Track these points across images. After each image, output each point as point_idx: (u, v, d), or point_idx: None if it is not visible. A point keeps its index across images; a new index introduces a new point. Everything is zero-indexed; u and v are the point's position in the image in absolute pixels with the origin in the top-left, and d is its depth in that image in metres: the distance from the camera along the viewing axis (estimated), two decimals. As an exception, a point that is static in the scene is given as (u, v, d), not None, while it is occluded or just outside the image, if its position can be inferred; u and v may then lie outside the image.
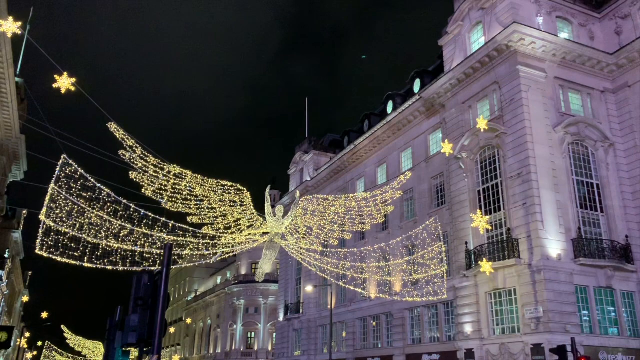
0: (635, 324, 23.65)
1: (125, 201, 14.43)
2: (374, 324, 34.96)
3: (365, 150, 38.86)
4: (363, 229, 20.64)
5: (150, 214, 15.19)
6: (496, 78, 26.54)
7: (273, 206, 19.84)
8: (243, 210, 16.88)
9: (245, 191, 16.60)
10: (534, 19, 26.52)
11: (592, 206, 24.92)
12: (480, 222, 23.12)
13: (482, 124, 22.17)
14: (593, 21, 28.66)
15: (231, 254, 19.09)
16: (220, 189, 16.44)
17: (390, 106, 38.31)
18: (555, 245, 22.93)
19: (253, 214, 17.11)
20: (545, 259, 22.43)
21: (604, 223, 24.88)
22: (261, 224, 17.49)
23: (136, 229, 15.14)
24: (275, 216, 17.90)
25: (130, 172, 15.00)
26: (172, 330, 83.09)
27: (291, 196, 47.14)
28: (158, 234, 15.68)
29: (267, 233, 17.84)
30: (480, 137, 26.59)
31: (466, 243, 26.25)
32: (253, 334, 65.07)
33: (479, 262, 23.62)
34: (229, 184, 16.42)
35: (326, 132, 53.92)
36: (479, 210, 24.62)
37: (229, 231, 17.02)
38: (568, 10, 28.15)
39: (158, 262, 15.66)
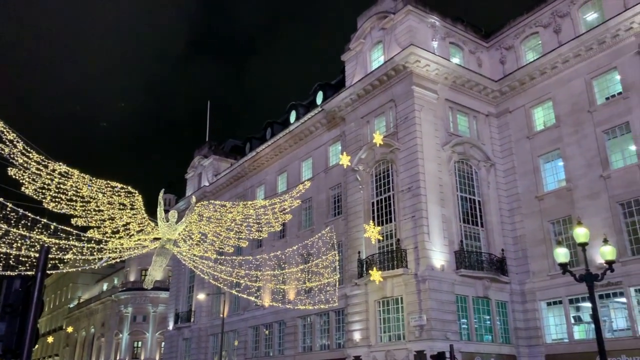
0: (507, 331, 25.67)
1: (1, 199, 13.36)
2: (267, 332, 34.91)
3: (267, 157, 38.91)
4: (260, 236, 20.63)
5: (29, 214, 14.17)
6: (393, 96, 27.83)
7: (167, 211, 19.24)
8: (133, 214, 16.22)
9: (137, 194, 15.97)
10: (430, 43, 28.19)
11: (473, 221, 26.79)
12: (372, 232, 24.00)
13: (378, 139, 23.07)
14: (482, 49, 31.02)
15: (119, 260, 18.21)
16: (110, 191, 15.69)
17: (293, 116, 38.74)
18: (439, 257, 24.35)
19: (144, 218, 16.49)
20: (430, 269, 23.73)
21: (484, 237, 26.84)
22: (152, 229, 16.90)
23: (12, 230, 14.06)
24: (168, 221, 17.36)
25: (9, 169, 13.91)
26: (50, 339, 77.41)
27: (187, 201, 45.92)
28: (37, 236, 14.65)
29: (159, 239, 17.26)
30: (376, 151, 27.68)
31: (359, 252, 27.09)
32: (140, 343, 62.29)
33: (370, 271, 24.46)
34: (120, 185, 15.72)
35: (228, 137, 53.28)
36: (371, 221, 25.57)
37: (117, 235, 16.27)
38: (460, 38, 30.24)
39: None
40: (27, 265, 14.69)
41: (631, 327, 22.15)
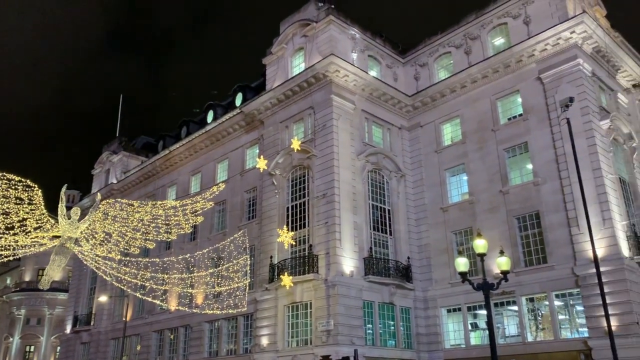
0: (410, 336, 26.65)
1: None
2: (172, 336, 33.90)
3: (181, 157, 37.91)
4: (169, 238, 20.01)
5: None
6: (312, 103, 28.17)
7: (69, 207, 18.17)
8: (31, 210, 15.15)
9: (36, 188, 14.94)
10: (350, 54, 28.84)
11: (382, 229, 27.64)
12: (285, 237, 24.08)
13: (295, 144, 23.26)
14: (398, 65, 32.17)
15: (12, 258, 16.91)
16: (6, 184, 14.58)
17: (210, 115, 38.05)
18: (349, 263, 24.86)
19: (43, 214, 15.46)
20: (339, 275, 24.16)
21: (392, 245, 27.76)
22: (52, 226, 15.88)
23: None
24: (69, 219, 16.38)
25: None
26: None
27: (92, 198, 43.64)
28: None
29: (59, 237, 16.24)
30: (294, 156, 27.84)
31: (271, 257, 27.03)
32: (33, 347, 58.28)
33: (281, 276, 24.51)
34: (17, 178, 14.63)
35: (140, 134, 51.26)
36: (285, 226, 25.64)
37: (12, 232, 15.12)
38: (378, 52, 31.19)
39: None
40: None
41: (521, 334, 23.79)
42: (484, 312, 23.58)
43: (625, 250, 22.04)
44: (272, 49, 31.82)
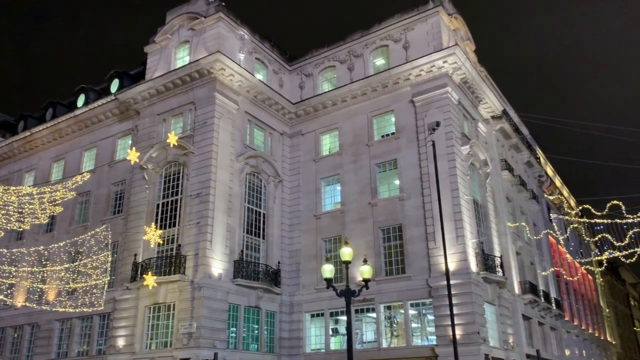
0: (273, 340, 26.88)
1: None
2: (15, 335, 30.94)
3: (43, 140, 34.95)
4: (21, 228, 18.39)
5: None
6: (193, 99, 27.48)
7: None
8: None
9: None
10: (237, 54, 28.63)
11: (256, 232, 27.69)
12: (152, 235, 23.17)
13: (172, 139, 22.54)
14: (284, 71, 32.57)
15: None
16: None
17: (81, 100, 35.50)
18: (218, 265, 24.52)
19: None
20: (207, 277, 23.72)
21: (264, 249, 27.87)
22: None
23: None
24: None
25: None
26: None
27: None
28: None
29: None
30: (169, 151, 26.91)
31: (135, 255, 25.79)
32: None
33: (144, 276, 23.49)
34: None
35: (-1, 110, 46.28)
36: (153, 224, 24.66)
37: None
38: (266, 56, 31.33)
39: None
40: None
41: (377, 340, 25.10)
42: (345, 317, 24.57)
43: (473, 265, 24.24)
44: (155, 37, 30.59)
